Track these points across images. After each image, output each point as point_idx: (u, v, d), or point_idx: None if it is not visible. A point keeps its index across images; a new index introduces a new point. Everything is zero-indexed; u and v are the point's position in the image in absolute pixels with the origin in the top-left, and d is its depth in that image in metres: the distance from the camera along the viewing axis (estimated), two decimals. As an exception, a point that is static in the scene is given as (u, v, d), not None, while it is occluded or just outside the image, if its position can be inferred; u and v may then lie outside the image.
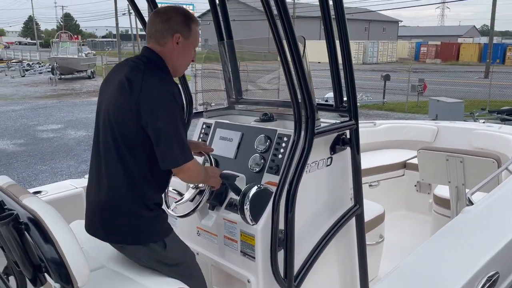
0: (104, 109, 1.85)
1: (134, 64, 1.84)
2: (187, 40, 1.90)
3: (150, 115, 1.72)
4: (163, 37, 1.86)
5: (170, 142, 1.73)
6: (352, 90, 2.14)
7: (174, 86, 1.81)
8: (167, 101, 1.73)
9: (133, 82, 1.75)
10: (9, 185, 1.70)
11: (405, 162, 4.25)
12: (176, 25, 1.86)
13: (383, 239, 2.89)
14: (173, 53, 1.88)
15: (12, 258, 1.54)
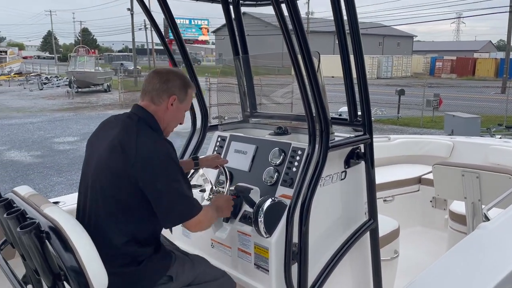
0: (94, 171, 1.80)
1: (126, 125, 1.81)
2: (181, 104, 1.95)
3: (149, 178, 1.70)
4: (159, 96, 1.88)
5: (173, 201, 1.73)
6: (366, 104, 2.15)
7: (168, 145, 1.81)
8: (164, 162, 1.72)
9: (127, 146, 1.72)
10: (30, 195, 1.74)
11: (420, 177, 4.21)
12: (174, 88, 1.90)
13: (398, 255, 2.86)
14: (166, 113, 1.90)
15: (32, 266, 1.57)
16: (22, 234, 1.37)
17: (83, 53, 29.47)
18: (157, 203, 1.72)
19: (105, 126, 1.94)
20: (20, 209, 1.55)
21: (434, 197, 4.06)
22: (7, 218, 1.52)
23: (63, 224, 1.44)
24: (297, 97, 2.78)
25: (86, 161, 1.90)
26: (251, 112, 2.98)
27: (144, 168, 1.69)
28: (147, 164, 1.70)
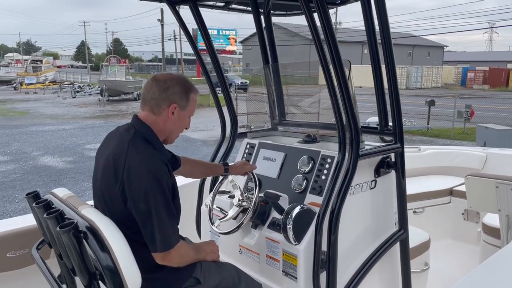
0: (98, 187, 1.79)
1: (121, 139, 1.76)
2: (183, 111, 1.85)
3: (134, 197, 1.64)
4: (158, 106, 1.80)
5: (152, 226, 1.64)
6: (398, 112, 2.14)
7: (160, 164, 1.71)
8: (149, 182, 1.64)
9: (117, 163, 1.68)
10: (68, 196, 1.81)
11: (451, 189, 4.12)
12: (173, 95, 1.80)
13: (428, 267, 2.80)
14: (166, 123, 1.82)
15: (69, 265, 1.63)
16: (62, 233, 1.43)
17: (114, 62, 30.35)
18: (141, 226, 1.66)
19: (108, 139, 1.89)
20: (59, 210, 1.62)
21: (466, 209, 3.96)
22: (46, 218, 1.58)
23: (99, 224, 1.49)
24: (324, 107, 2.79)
25: (93, 176, 1.88)
26: (279, 120, 3.00)
27: (128, 188, 1.64)
28: (132, 184, 1.64)
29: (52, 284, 1.65)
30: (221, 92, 2.88)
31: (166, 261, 1.71)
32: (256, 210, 2.15)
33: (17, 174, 9.57)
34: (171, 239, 1.69)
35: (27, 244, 2.46)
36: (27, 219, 2.58)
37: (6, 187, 8.53)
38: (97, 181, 1.82)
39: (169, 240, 1.68)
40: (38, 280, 2.22)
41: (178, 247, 1.73)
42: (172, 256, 1.71)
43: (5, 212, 7.04)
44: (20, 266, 2.53)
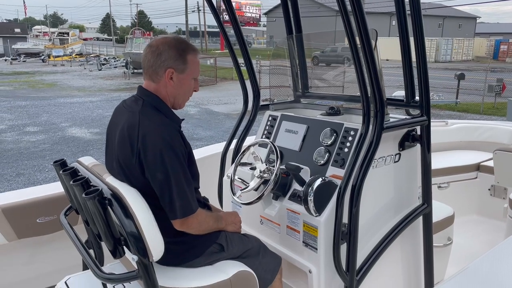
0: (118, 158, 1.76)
1: (131, 111, 1.75)
2: (182, 74, 1.79)
3: (150, 167, 1.64)
4: (156, 73, 1.76)
5: (172, 193, 1.64)
6: (425, 84, 2.08)
7: (173, 131, 1.70)
8: (164, 151, 1.63)
9: (132, 135, 1.67)
10: (93, 165, 1.86)
11: (479, 164, 4.02)
12: (168, 60, 1.74)
13: (451, 242, 2.77)
14: (167, 89, 1.78)
15: (95, 231, 1.69)
16: (87, 200, 1.47)
17: (139, 35, 30.45)
18: (159, 195, 1.67)
19: (117, 113, 1.87)
20: (85, 177, 1.66)
21: (493, 185, 3.87)
22: (73, 185, 1.63)
23: (124, 192, 1.52)
24: (348, 79, 2.74)
25: (107, 152, 1.88)
26: (302, 92, 2.97)
27: (145, 158, 1.64)
28: (147, 153, 1.64)
29: (80, 249, 1.71)
30: (244, 65, 2.86)
31: (184, 227, 1.72)
32: (277, 181, 2.16)
33: (47, 144, 9.87)
34: (191, 206, 1.70)
35: (55, 210, 2.55)
36: (56, 186, 2.67)
37: (36, 156, 8.82)
38: (112, 155, 1.80)
39: (188, 206, 1.68)
40: (66, 245, 2.32)
41: (197, 214, 1.74)
42: (190, 222, 1.72)
43: (35, 180, 7.31)
44: (49, 232, 2.64)
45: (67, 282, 2.02)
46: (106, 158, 1.88)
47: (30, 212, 2.57)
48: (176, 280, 1.71)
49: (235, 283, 1.75)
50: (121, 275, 1.54)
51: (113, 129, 1.82)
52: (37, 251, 2.74)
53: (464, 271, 1.81)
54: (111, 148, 1.82)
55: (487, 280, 1.73)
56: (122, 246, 1.55)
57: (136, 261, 1.47)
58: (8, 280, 2.66)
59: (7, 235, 2.52)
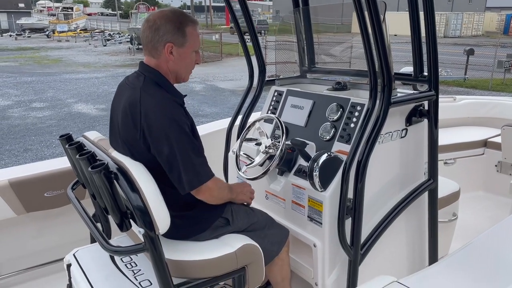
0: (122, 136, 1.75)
1: (133, 88, 1.73)
2: (182, 48, 1.74)
3: (155, 142, 1.63)
4: (155, 48, 1.72)
5: (179, 167, 1.63)
6: (434, 58, 2.04)
7: (174, 105, 1.68)
8: (168, 125, 1.62)
9: (134, 112, 1.66)
10: (99, 139, 1.86)
11: (486, 140, 3.99)
12: (166, 35, 1.69)
13: (456, 218, 2.78)
14: (168, 63, 1.75)
15: (102, 204, 1.70)
16: (93, 173, 1.48)
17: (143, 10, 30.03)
18: (168, 170, 1.66)
19: (120, 89, 1.85)
20: (91, 151, 1.67)
21: (500, 161, 3.85)
22: (79, 159, 1.64)
23: (129, 166, 1.53)
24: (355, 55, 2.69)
25: (111, 128, 1.87)
26: (309, 67, 2.93)
27: (149, 135, 1.63)
28: (151, 130, 1.62)
29: (87, 222, 1.74)
30: (250, 41, 2.81)
31: (205, 195, 1.73)
32: (282, 157, 2.16)
33: (53, 120, 9.92)
34: (205, 173, 1.70)
35: (63, 184, 2.58)
36: (63, 161, 2.69)
37: (43, 132, 8.88)
38: (116, 132, 1.80)
39: (199, 177, 1.68)
40: (74, 219, 2.35)
41: (213, 181, 1.74)
42: (209, 191, 1.73)
43: (43, 156, 7.38)
44: (57, 205, 2.68)
45: (75, 254, 2.05)
46: (110, 134, 1.87)
47: (38, 186, 2.60)
48: (182, 253, 1.74)
49: (240, 256, 1.77)
50: (128, 248, 1.56)
51: (117, 106, 1.81)
52: (45, 225, 2.78)
53: (468, 246, 1.82)
54: (115, 125, 1.81)
55: (490, 255, 1.74)
56: (128, 220, 1.56)
57: (142, 234, 1.49)
58: (18, 253, 2.71)
59: (16, 208, 2.56)
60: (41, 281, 2.72)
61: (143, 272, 1.91)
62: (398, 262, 2.32)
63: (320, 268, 2.04)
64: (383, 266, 2.20)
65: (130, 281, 1.85)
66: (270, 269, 2.05)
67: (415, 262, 2.39)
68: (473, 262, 1.69)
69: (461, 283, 1.54)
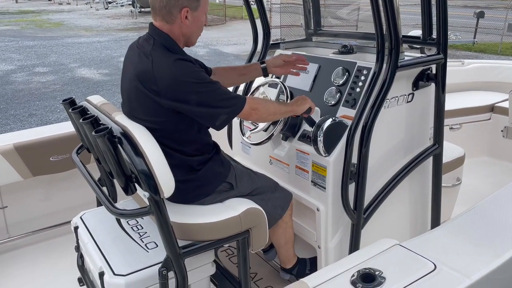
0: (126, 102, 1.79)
1: (142, 50, 1.73)
2: (196, 11, 1.76)
3: (179, 97, 1.63)
4: (170, 14, 1.72)
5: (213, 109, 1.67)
6: (443, 21, 1.98)
7: (187, 63, 1.68)
8: (188, 76, 1.63)
9: (147, 80, 1.65)
10: (102, 103, 1.85)
11: (493, 105, 3.94)
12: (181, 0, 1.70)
13: (460, 182, 2.79)
14: (182, 28, 1.75)
15: (107, 168, 1.71)
16: (97, 137, 1.48)
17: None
18: (200, 117, 1.69)
19: (129, 52, 1.85)
20: (94, 115, 1.66)
21: (506, 126, 3.81)
22: (82, 123, 1.63)
23: (133, 130, 1.52)
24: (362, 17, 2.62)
25: (121, 89, 1.87)
26: (315, 30, 2.86)
27: (169, 93, 1.63)
28: (173, 88, 1.62)
29: (93, 186, 1.75)
30: (254, 3, 2.74)
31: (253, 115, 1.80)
32: (287, 122, 2.14)
33: (57, 85, 9.87)
34: (237, 103, 1.73)
35: (68, 149, 2.59)
36: (68, 125, 2.69)
37: (47, 97, 8.87)
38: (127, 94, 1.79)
39: (234, 106, 1.72)
40: (80, 183, 2.38)
41: (252, 100, 1.79)
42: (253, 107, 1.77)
43: (48, 121, 7.40)
44: (63, 170, 2.70)
45: (82, 217, 2.09)
46: (122, 94, 1.86)
47: (44, 150, 2.62)
48: (187, 216, 1.76)
49: (244, 219, 1.79)
50: (133, 211, 1.58)
51: (127, 69, 1.81)
52: (52, 189, 2.82)
53: (471, 210, 1.83)
54: (126, 86, 1.81)
55: (493, 220, 1.75)
56: (133, 183, 1.57)
57: (147, 198, 1.50)
58: (26, 216, 2.76)
59: (22, 172, 2.59)
60: (50, 242, 2.79)
61: (149, 235, 1.94)
62: (400, 226, 2.35)
63: (323, 231, 2.07)
64: (385, 230, 2.23)
65: (136, 243, 1.89)
66: (273, 231, 2.09)
67: (417, 226, 2.42)
68: (475, 227, 1.70)
69: (462, 247, 1.56)
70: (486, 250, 1.54)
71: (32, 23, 22.16)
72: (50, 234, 2.81)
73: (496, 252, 1.52)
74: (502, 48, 13.46)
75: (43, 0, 37.03)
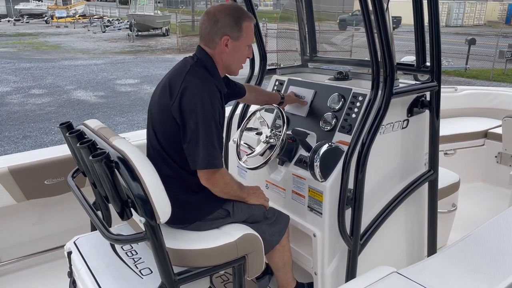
0: (151, 108, 1.89)
1: (183, 64, 1.85)
2: (237, 41, 1.84)
3: (184, 114, 1.70)
4: (211, 40, 1.83)
5: (197, 143, 1.69)
6: (437, 50, 2.03)
7: (214, 89, 1.77)
8: (202, 102, 1.69)
9: (174, 84, 1.76)
10: (100, 128, 1.85)
11: (486, 131, 3.98)
12: (224, 28, 1.80)
13: (455, 208, 2.79)
14: (222, 55, 1.85)
15: (103, 193, 1.70)
16: (94, 162, 1.47)
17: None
18: (185, 141, 1.72)
19: (176, 65, 1.94)
20: (91, 140, 1.66)
21: (500, 152, 3.85)
22: (80, 147, 1.63)
23: (130, 155, 1.52)
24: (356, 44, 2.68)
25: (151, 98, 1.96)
26: (310, 56, 2.91)
27: (181, 105, 1.71)
28: (185, 102, 1.70)
29: (88, 210, 1.74)
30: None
31: (210, 182, 1.76)
32: (283, 147, 2.15)
33: (52, 107, 9.88)
34: (215, 160, 1.72)
35: (63, 172, 2.58)
36: (63, 149, 2.68)
37: (42, 119, 8.85)
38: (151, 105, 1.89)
39: (212, 160, 1.71)
40: (75, 207, 2.35)
41: (223, 172, 1.78)
42: (216, 179, 1.76)
43: (42, 143, 7.37)
44: (57, 193, 2.68)
45: (76, 242, 2.06)
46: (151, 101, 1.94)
47: (38, 173, 2.60)
48: (183, 241, 1.74)
49: (240, 245, 1.78)
50: (129, 236, 1.57)
51: (162, 80, 1.91)
52: (46, 212, 2.79)
53: (468, 237, 1.83)
54: (156, 92, 1.90)
55: (490, 247, 1.75)
56: (129, 208, 1.56)
57: (143, 223, 1.49)
58: (18, 240, 2.72)
59: (16, 196, 2.56)
60: (42, 268, 2.74)
61: (144, 260, 1.92)
62: (397, 252, 2.33)
63: (320, 257, 2.05)
64: (382, 256, 2.22)
65: (131, 269, 1.86)
66: (271, 255, 2.07)
67: (414, 252, 2.41)
68: (472, 254, 1.70)
69: (460, 274, 1.55)
70: (483, 278, 1.53)
71: (29, 45, 22.32)
72: (43, 259, 2.76)
73: (494, 279, 1.51)
74: (493, 74, 13.70)
75: (40, 23, 37.40)
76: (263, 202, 2.02)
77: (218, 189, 1.82)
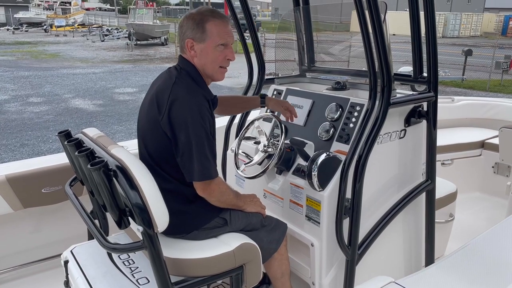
0: (140, 121, 1.89)
1: (168, 76, 1.83)
2: (203, 43, 1.79)
3: (175, 128, 1.70)
4: (182, 46, 1.85)
5: (191, 156, 1.69)
6: (434, 60, 2.05)
7: (202, 99, 1.75)
8: (192, 114, 1.69)
9: (162, 97, 1.74)
10: (98, 136, 1.86)
11: (483, 142, 4.00)
12: (186, 32, 1.80)
13: (453, 218, 2.79)
14: (194, 59, 1.83)
15: (101, 201, 1.70)
16: (92, 170, 1.47)
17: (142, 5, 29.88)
18: (178, 155, 1.72)
19: (160, 75, 1.94)
20: (90, 148, 1.66)
21: (497, 162, 3.87)
22: (78, 156, 1.63)
23: (128, 164, 1.52)
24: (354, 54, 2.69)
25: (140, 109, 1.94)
26: (308, 66, 2.93)
27: (171, 120, 1.70)
28: (174, 115, 1.69)
29: (85, 219, 1.73)
30: (249, 38, 2.81)
31: (206, 192, 1.77)
32: (281, 156, 2.16)
33: (50, 115, 9.87)
34: (209, 171, 1.72)
35: (60, 181, 2.57)
36: (61, 157, 2.68)
37: (40, 127, 8.84)
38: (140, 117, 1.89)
39: (207, 171, 1.72)
40: (72, 215, 2.35)
41: (219, 182, 1.79)
42: (213, 189, 1.77)
43: (40, 151, 7.35)
44: (55, 202, 2.67)
45: (73, 251, 2.05)
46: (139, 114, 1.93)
47: (35, 182, 2.59)
48: (180, 251, 1.74)
49: (238, 254, 1.77)
50: (126, 245, 1.56)
51: (148, 93, 1.90)
52: (43, 221, 2.77)
53: (465, 247, 1.83)
54: (144, 105, 1.89)
55: (487, 257, 1.75)
56: (127, 217, 1.56)
57: (141, 232, 1.48)
58: (15, 248, 2.70)
59: (13, 204, 2.55)
60: (38, 277, 2.72)
61: (141, 270, 1.91)
62: (394, 262, 2.33)
63: (317, 267, 2.05)
64: (380, 266, 2.21)
65: (128, 278, 1.85)
66: (269, 264, 2.06)
67: (411, 262, 2.40)
68: (469, 264, 1.70)
69: (457, 285, 1.55)
70: None
71: (28, 53, 22.37)
72: (39, 267, 2.74)
73: None
74: (490, 85, 13.79)
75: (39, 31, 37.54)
76: (260, 209, 2.02)
77: (214, 199, 1.82)
